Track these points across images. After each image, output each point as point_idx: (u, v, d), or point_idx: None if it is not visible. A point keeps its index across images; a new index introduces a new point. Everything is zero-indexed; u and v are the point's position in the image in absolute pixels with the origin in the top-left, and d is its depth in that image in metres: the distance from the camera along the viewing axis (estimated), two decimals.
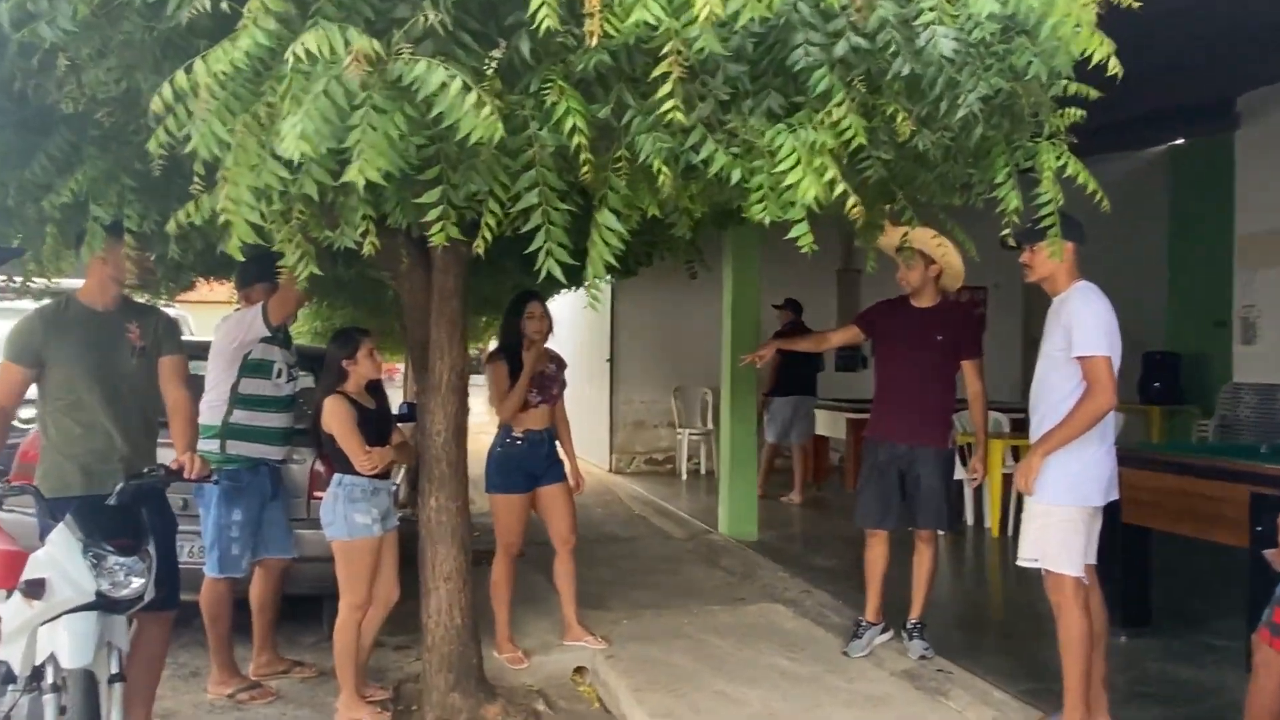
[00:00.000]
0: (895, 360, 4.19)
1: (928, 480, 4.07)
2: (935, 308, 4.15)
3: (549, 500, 4.17)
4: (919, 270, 4.06)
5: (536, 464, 4.12)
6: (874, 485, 4.14)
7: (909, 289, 4.13)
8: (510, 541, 4.13)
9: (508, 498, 4.08)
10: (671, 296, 10.21)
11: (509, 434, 4.09)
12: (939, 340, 4.09)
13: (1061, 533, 3.13)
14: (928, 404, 4.09)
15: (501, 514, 4.11)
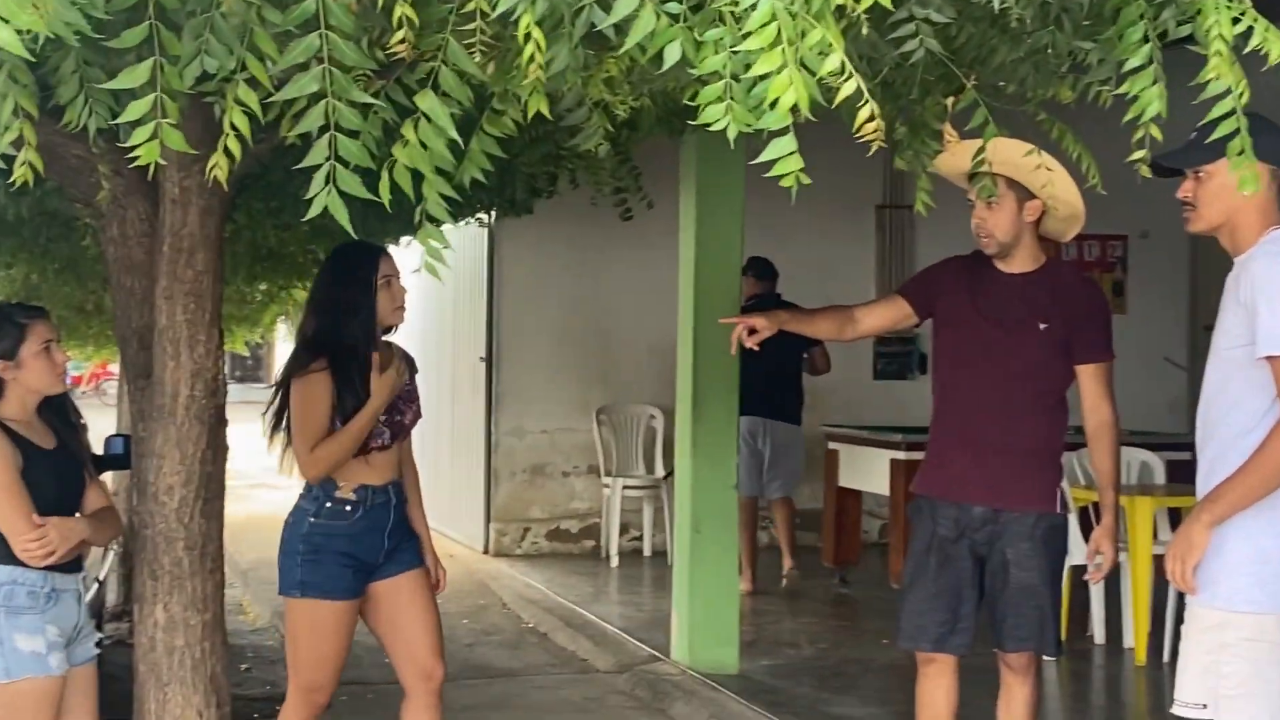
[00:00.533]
0: (967, 363, 4.22)
1: (1021, 570, 4.12)
2: (1036, 275, 4.19)
3: (398, 604, 4.16)
4: (1007, 210, 4.10)
5: (374, 545, 4.09)
6: (929, 576, 4.18)
7: (990, 243, 4.16)
8: (314, 682, 4.11)
9: (320, 606, 4.05)
10: (593, 251, 10.26)
11: (329, 494, 4.05)
12: (1042, 330, 4.13)
13: (1246, 662, 3.17)
14: (1021, 438, 4.14)
15: (305, 634, 4.10)
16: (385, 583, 4.12)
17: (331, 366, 3.96)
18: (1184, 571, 3.17)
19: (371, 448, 4.03)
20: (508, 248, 10.25)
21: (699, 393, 6.55)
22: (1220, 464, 3.20)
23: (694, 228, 6.57)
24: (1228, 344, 3.20)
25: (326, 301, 4.05)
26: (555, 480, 10.42)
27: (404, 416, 4.15)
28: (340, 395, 3.96)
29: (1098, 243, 10.95)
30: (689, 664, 6.50)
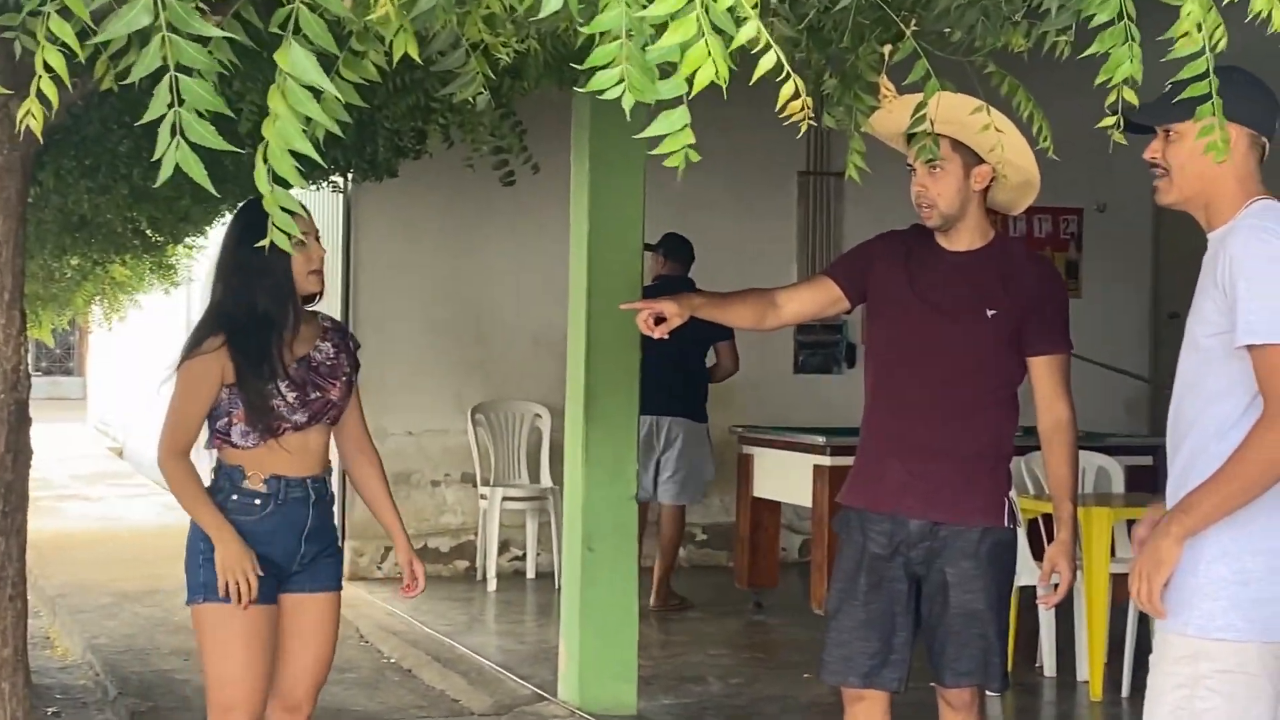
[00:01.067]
0: (903, 355, 4.25)
1: (963, 592, 4.15)
2: (984, 253, 4.23)
3: (297, 626, 4.22)
4: (952, 177, 4.13)
5: (287, 548, 4.15)
6: (859, 601, 4.20)
7: (931, 214, 4.19)
8: (228, 701, 4.13)
9: (227, 613, 4.07)
10: (469, 223, 10.22)
11: (235, 484, 4.10)
12: (990, 317, 4.16)
13: (1224, 698, 3.21)
14: (964, 441, 4.17)
15: (212, 645, 4.14)
16: (292, 597, 4.19)
17: (232, 341, 4.01)
18: (1151, 592, 3.19)
19: (283, 429, 4.06)
20: (367, 218, 10.16)
21: (593, 390, 6.54)
22: (1195, 468, 3.24)
23: (587, 197, 6.55)
24: (1205, 332, 3.23)
25: (231, 266, 4.09)
26: (423, 490, 10.37)
27: (325, 394, 4.16)
28: (243, 375, 4.01)
29: (1049, 216, 11.11)
30: (579, 704, 6.50)
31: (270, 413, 4.05)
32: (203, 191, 6.23)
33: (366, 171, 5.93)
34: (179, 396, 4.09)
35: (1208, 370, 3.24)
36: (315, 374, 4.16)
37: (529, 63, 3.36)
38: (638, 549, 6.72)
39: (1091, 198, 10.97)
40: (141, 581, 10.33)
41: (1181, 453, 3.30)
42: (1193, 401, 3.28)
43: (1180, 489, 3.27)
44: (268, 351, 4.05)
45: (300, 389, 4.10)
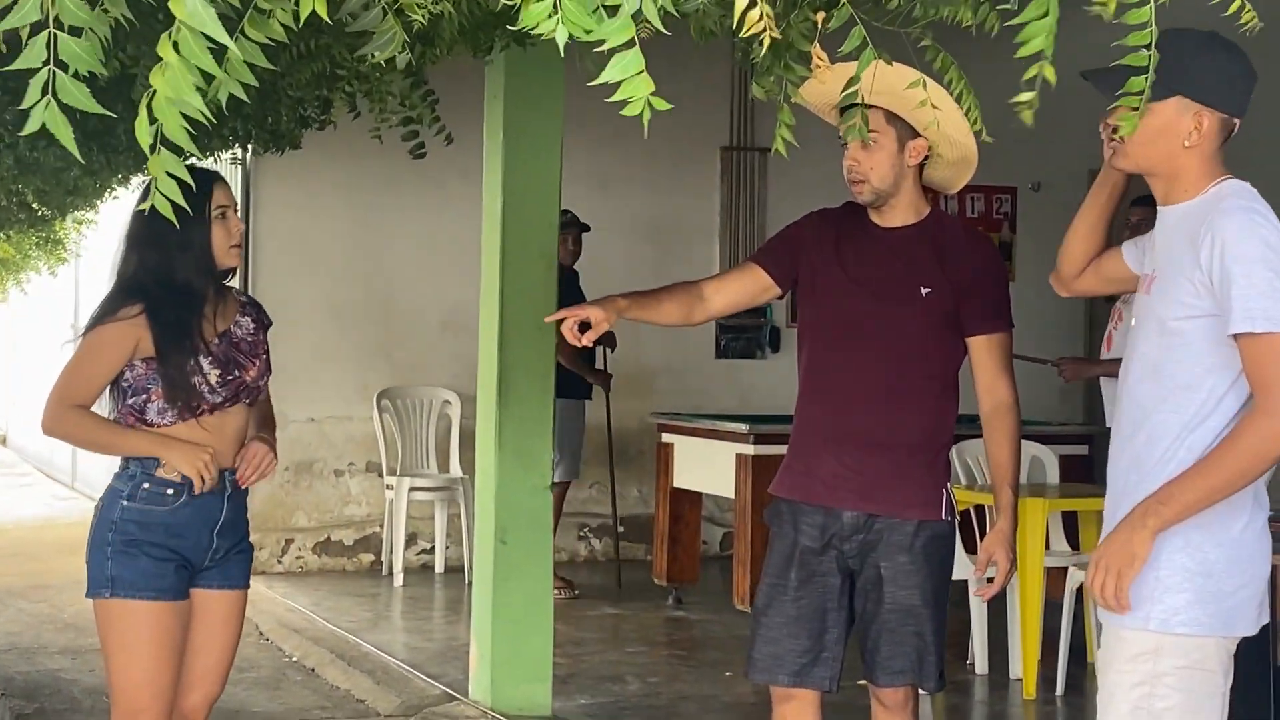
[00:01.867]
0: (835, 339, 4.23)
1: (898, 588, 4.15)
2: (917, 229, 4.22)
3: (202, 624, 4.19)
4: (886, 151, 4.12)
5: (199, 542, 4.12)
6: (789, 596, 4.19)
7: (864, 189, 4.18)
8: (134, 705, 4.08)
9: (133, 608, 4.04)
10: (375, 198, 10.14)
11: (148, 473, 4.04)
12: (925, 296, 4.16)
13: (1183, 694, 3.23)
14: (900, 430, 4.17)
15: (118, 643, 4.08)
16: (200, 593, 4.16)
17: (150, 313, 3.98)
18: (1120, 588, 3.18)
19: (200, 409, 4.03)
20: (267, 192, 10.05)
21: (507, 374, 6.50)
22: (1152, 456, 3.24)
23: (501, 170, 6.50)
24: (1176, 314, 3.21)
25: (149, 235, 4.05)
26: (326, 480, 10.28)
27: (244, 373, 4.13)
28: (163, 349, 3.98)
29: (983, 195, 11.20)
30: (491, 704, 6.47)
31: (191, 391, 4.01)
32: (93, 163, 6.18)
33: (268, 142, 5.85)
34: (81, 358, 4.03)
35: (1177, 355, 3.22)
36: (237, 350, 4.14)
37: (443, 27, 3.31)
38: (551, 541, 6.70)
39: (1026, 176, 11.04)
40: (26, 577, 10.19)
41: (1136, 439, 3.29)
42: (1153, 387, 3.26)
43: (1133, 479, 3.26)
44: (188, 326, 4.02)
45: (223, 366, 4.08)
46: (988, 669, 7.16)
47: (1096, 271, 3.65)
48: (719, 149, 10.86)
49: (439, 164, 6.14)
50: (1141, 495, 3.23)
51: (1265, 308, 3.07)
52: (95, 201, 9.02)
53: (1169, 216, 3.30)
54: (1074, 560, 7.01)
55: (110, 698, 4.13)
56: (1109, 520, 3.36)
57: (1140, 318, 3.34)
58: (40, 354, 17.54)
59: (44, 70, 1.88)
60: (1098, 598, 3.23)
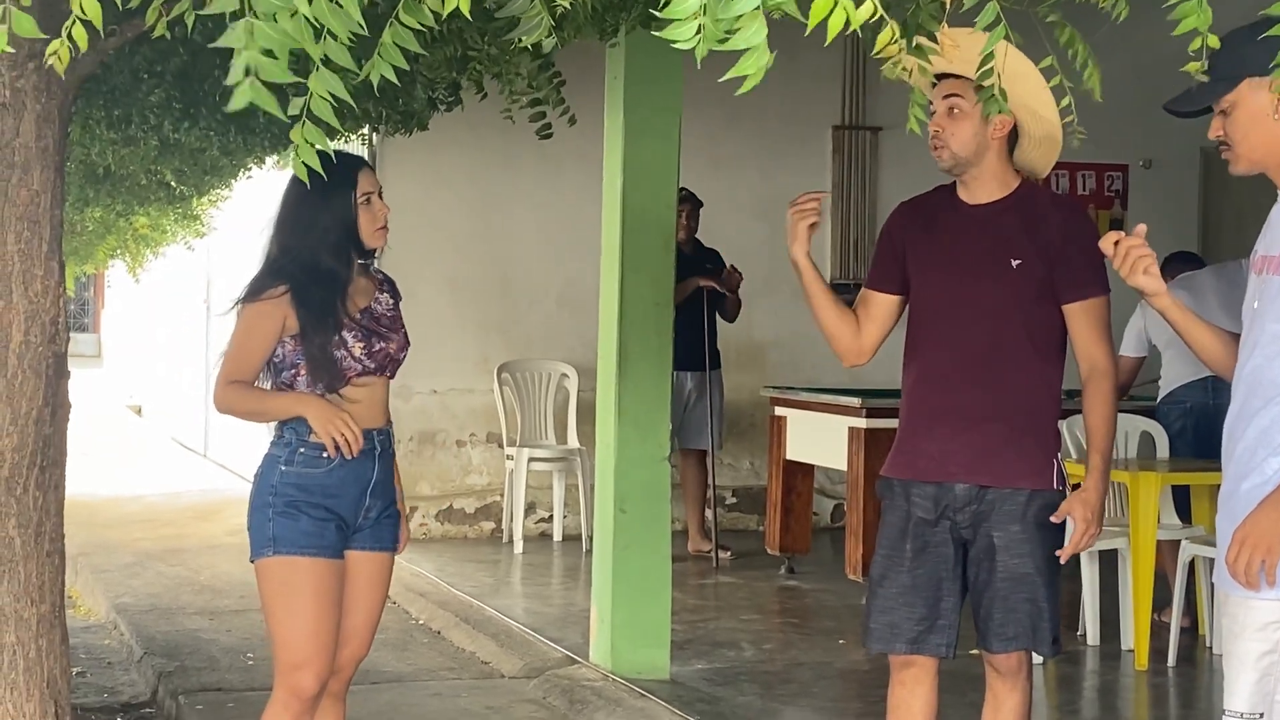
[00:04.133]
0: (935, 319, 4.23)
1: (1011, 556, 4.13)
2: (1004, 203, 4.18)
3: (356, 584, 4.27)
4: (969, 119, 4.07)
5: (354, 501, 4.22)
6: (904, 566, 4.19)
7: (944, 154, 4.14)
8: (295, 659, 4.14)
9: (295, 564, 4.12)
10: (496, 178, 10.21)
11: (303, 439, 4.15)
12: (1016, 268, 4.12)
13: None
14: (1006, 402, 4.14)
15: (280, 599, 4.15)
16: (353, 554, 4.23)
17: (295, 294, 4.08)
18: (1270, 566, 3.16)
19: (348, 378, 4.12)
20: (392, 171, 10.14)
21: (626, 348, 6.54)
22: (1278, 432, 3.22)
23: (621, 150, 6.53)
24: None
25: (296, 220, 4.16)
26: (448, 451, 10.39)
27: (388, 345, 4.22)
28: (306, 329, 4.07)
29: (1093, 173, 11.07)
30: (611, 668, 6.52)
31: (333, 366, 4.10)
32: (230, 143, 6.26)
33: (399, 123, 5.89)
34: (239, 334, 4.13)
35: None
36: (378, 324, 4.22)
37: (575, 11, 3.34)
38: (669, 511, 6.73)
39: (1138, 154, 10.91)
40: (163, 541, 10.41)
41: (1260, 417, 3.27)
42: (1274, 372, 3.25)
43: (1260, 453, 3.24)
44: (331, 305, 4.10)
45: (367, 339, 4.16)
46: (1099, 640, 7.11)
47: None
48: (830, 128, 10.81)
49: (556, 144, 6.17)
50: (1271, 469, 3.22)
51: None
52: (231, 180, 9.16)
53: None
54: (1186, 534, 6.94)
55: (273, 654, 4.20)
56: (1229, 494, 3.34)
57: (1267, 298, 3.31)
58: (174, 326, 17.86)
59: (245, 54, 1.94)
60: (1238, 575, 3.20)
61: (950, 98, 4.06)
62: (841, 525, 9.15)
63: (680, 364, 8.95)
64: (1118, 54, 3.75)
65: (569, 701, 6.29)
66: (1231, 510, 3.31)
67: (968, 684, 4.51)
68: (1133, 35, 6.66)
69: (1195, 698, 6.60)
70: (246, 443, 9.55)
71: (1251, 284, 3.43)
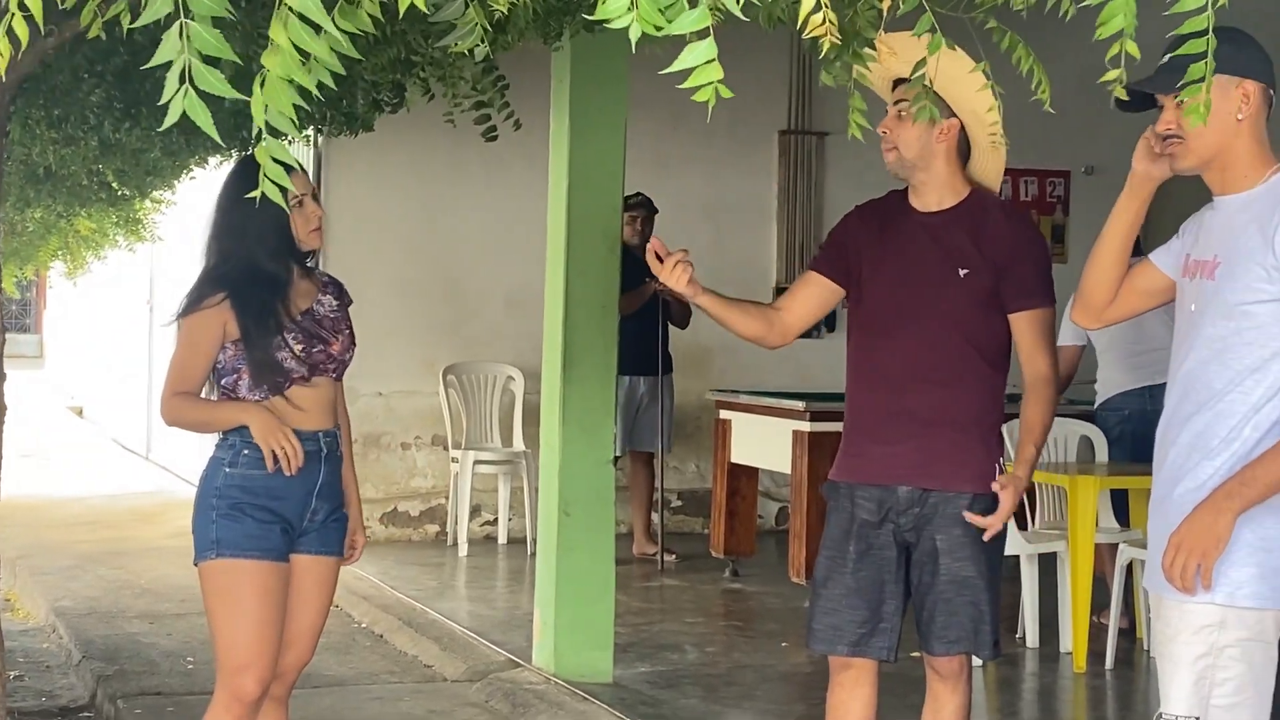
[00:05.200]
0: (882, 325, 4.25)
1: (953, 559, 4.16)
2: (955, 212, 4.21)
3: (300, 588, 4.25)
4: (917, 125, 4.08)
5: (299, 503, 4.20)
6: (848, 568, 4.20)
7: (893, 156, 4.18)
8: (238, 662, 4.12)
9: (238, 567, 4.11)
10: (442, 180, 10.20)
11: (247, 440, 4.13)
12: (963, 277, 4.15)
13: (1244, 664, 3.25)
14: (949, 408, 4.17)
15: (223, 602, 4.14)
16: (297, 558, 4.22)
17: (234, 299, 4.08)
18: (1205, 569, 3.19)
19: (291, 381, 4.12)
20: (338, 173, 10.12)
21: (570, 351, 6.54)
22: (1217, 436, 3.25)
23: (567, 152, 6.53)
24: (1246, 299, 3.23)
25: (231, 226, 4.16)
26: (392, 453, 10.36)
27: (328, 347, 4.21)
28: (248, 333, 4.08)
29: (1036, 179, 11.13)
30: (554, 671, 6.51)
31: (276, 369, 4.10)
32: (173, 144, 6.23)
33: (342, 125, 5.89)
34: (181, 346, 4.14)
35: (1247, 338, 3.24)
36: (320, 327, 4.22)
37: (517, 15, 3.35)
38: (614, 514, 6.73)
39: (1079, 160, 10.98)
40: (104, 544, 10.32)
41: (1194, 421, 3.30)
42: (1220, 370, 3.27)
43: (1194, 457, 3.28)
44: (272, 307, 4.11)
45: (308, 341, 4.16)
46: (1038, 642, 7.16)
47: (1133, 291, 3.60)
48: (777, 133, 10.84)
49: (503, 146, 6.17)
50: (1204, 474, 3.25)
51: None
52: (173, 182, 9.11)
53: (1230, 205, 3.32)
54: (1124, 537, 7.00)
55: (216, 657, 4.18)
56: (1162, 498, 3.37)
57: (1202, 302, 3.34)
58: (116, 327, 17.72)
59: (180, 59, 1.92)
60: (1174, 579, 3.23)
61: (899, 102, 4.10)
62: (785, 528, 9.20)
63: (634, 368, 8.99)
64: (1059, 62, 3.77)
65: (511, 705, 6.28)
66: (1165, 514, 3.34)
67: (909, 686, 4.54)
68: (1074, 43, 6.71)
69: (1133, 700, 6.65)
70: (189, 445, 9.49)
71: (1184, 288, 3.46)
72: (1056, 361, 4.22)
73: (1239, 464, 3.21)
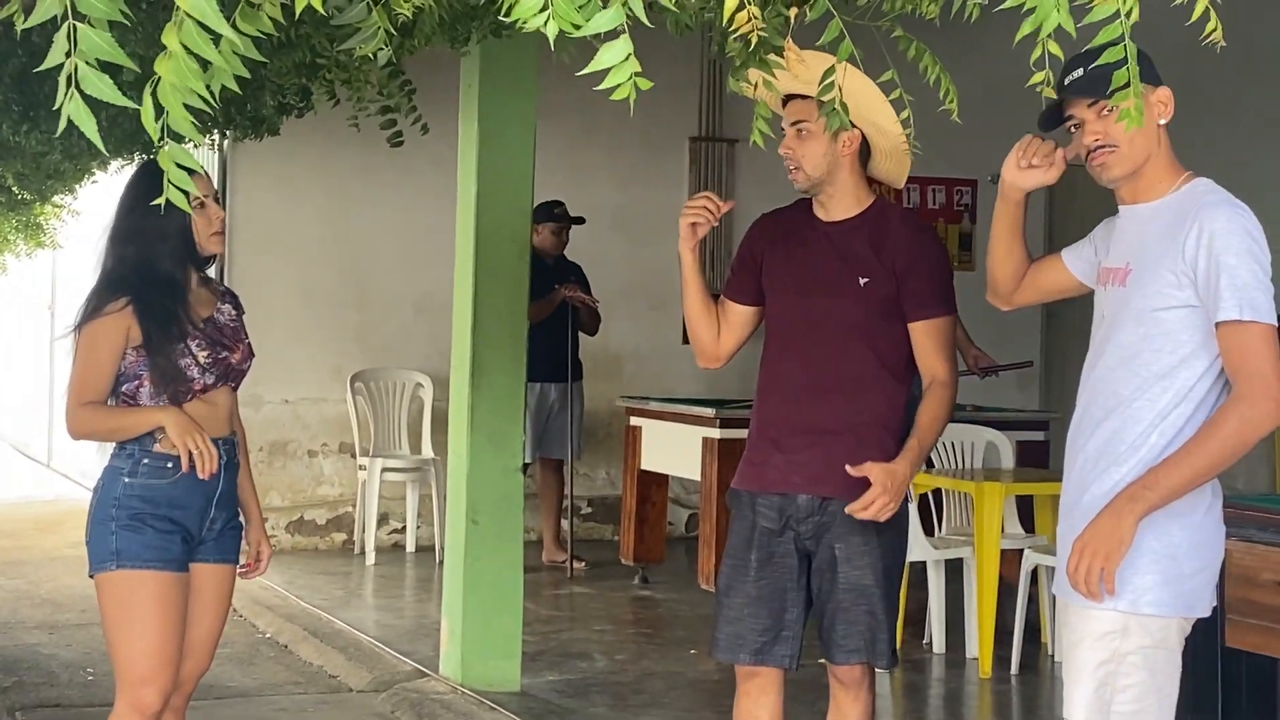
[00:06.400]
0: (785, 334, 4.28)
1: (852, 568, 4.17)
2: (857, 221, 4.23)
3: (198, 597, 4.21)
4: (818, 140, 4.10)
5: (199, 512, 4.16)
6: (749, 577, 4.22)
7: (798, 176, 4.20)
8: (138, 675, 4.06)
9: (138, 578, 4.07)
10: (350, 185, 10.13)
11: (146, 449, 4.09)
12: (863, 286, 4.18)
13: (1146, 671, 3.29)
14: (849, 416, 4.19)
15: (121, 615, 4.09)
16: (196, 566, 4.18)
17: (136, 304, 4.04)
18: (1108, 573, 3.22)
19: (194, 389, 4.08)
20: (244, 177, 10.05)
21: (478, 357, 6.52)
22: (1124, 442, 3.29)
23: (476, 158, 6.51)
24: (1155, 305, 3.28)
25: (129, 230, 4.13)
26: (299, 461, 10.28)
27: (231, 355, 4.18)
28: (150, 338, 4.04)
29: (943, 188, 11.23)
30: (461, 680, 6.49)
31: (179, 376, 4.06)
32: (73, 147, 6.16)
33: (248, 129, 5.84)
34: (83, 354, 4.08)
35: (1156, 344, 3.28)
36: (221, 335, 4.19)
37: (423, 19, 3.33)
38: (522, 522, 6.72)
39: (986, 169, 11.07)
40: (3, 553, 10.17)
41: (1105, 425, 3.34)
42: (1128, 376, 3.31)
43: (1102, 463, 3.32)
44: (174, 313, 4.08)
45: (212, 348, 4.13)
46: (945, 648, 7.21)
47: (1035, 284, 3.70)
48: (688, 140, 10.87)
49: (414, 151, 6.15)
50: (1111, 480, 3.29)
51: (1252, 298, 3.16)
52: (75, 186, 8.99)
53: (1141, 213, 3.38)
54: (1029, 543, 7.06)
55: (115, 670, 4.13)
56: (1071, 504, 3.41)
57: (1114, 309, 3.38)
58: (16, 337, 17.47)
59: (67, 63, 1.89)
60: (1078, 584, 3.26)
61: (798, 122, 4.11)
62: (696, 535, 9.20)
63: (544, 375, 8.97)
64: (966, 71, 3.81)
65: (417, 715, 6.25)
66: (1073, 520, 3.38)
67: (817, 693, 4.56)
68: (980, 53, 6.79)
69: (1038, 705, 6.71)
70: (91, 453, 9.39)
71: (1099, 296, 3.51)
72: (955, 368, 4.24)
73: (1145, 470, 3.25)
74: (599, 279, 9.54)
